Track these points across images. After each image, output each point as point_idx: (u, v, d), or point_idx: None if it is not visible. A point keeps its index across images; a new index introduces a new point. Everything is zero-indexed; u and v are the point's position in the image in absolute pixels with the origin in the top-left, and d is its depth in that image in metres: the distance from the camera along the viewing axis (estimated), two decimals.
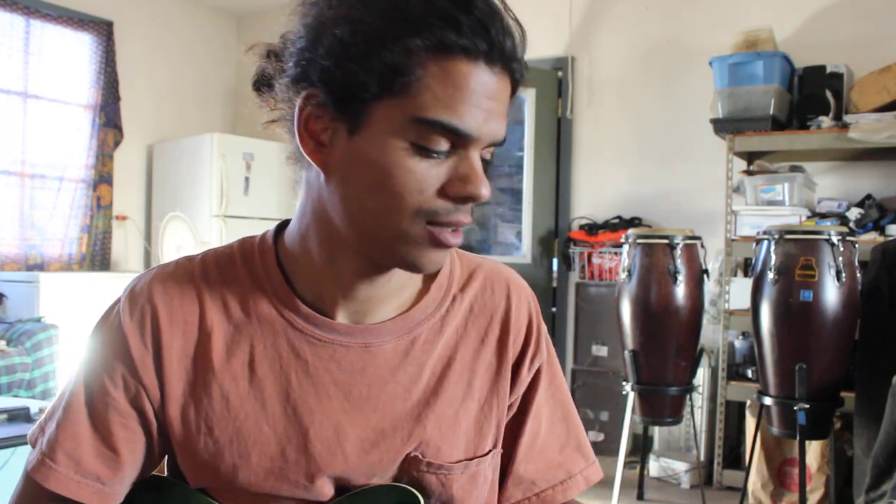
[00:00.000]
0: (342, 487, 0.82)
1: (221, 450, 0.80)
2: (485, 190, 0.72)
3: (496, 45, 0.70)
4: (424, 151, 0.71)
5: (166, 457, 0.88)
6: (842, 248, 2.66)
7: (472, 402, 0.85)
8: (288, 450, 0.80)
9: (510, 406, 0.89)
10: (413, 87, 0.69)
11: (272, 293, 0.82)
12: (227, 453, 0.80)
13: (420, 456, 0.82)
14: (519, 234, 4.71)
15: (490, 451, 0.86)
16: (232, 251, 0.86)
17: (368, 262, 0.78)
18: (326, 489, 0.81)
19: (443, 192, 0.72)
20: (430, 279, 0.86)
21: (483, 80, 0.70)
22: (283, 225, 0.86)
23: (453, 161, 0.72)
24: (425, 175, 0.71)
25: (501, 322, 0.88)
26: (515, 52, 0.72)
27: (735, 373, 3.53)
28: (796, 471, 2.88)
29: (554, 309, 4.65)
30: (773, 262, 2.70)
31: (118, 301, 0.84)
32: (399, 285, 0.82)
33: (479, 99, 0.70)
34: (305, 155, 0.76)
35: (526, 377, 0.89)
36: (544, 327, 0.93)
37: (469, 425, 0.85)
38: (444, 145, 0.71)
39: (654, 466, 3.75)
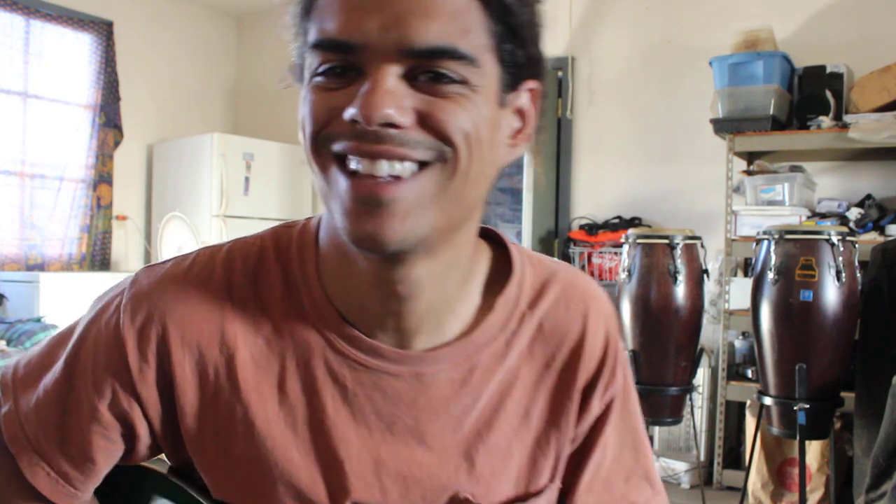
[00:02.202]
0: None
1: (243, 473, 0.70)
2: (375, 108, 0.56)
3: None
4: (323, 78, 0.60)
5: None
6: (842, 248, 2.66)
7: (528, 433, 0.74)
8: (319, 482, 0.69)
9: (574, 438, 0.77)
10: (313, 19, 0.61)
11: (310, 306, 0.69)
12: (249, 477, 0.70)
13: (470, 497, 0.71)
14: (519, 234, 4.71)
15: (544, 488, 0.76)
16: (264, 247, 0.72)
17: (367, 259, 0.66)
18: None
19: (342, 119, 0.59)
20: (494, 293, 0.72)
21: None
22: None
23: (357, 82, 0.59)
24: (326, 101, 0.60)
25: (573, 347, 0.75)
26: None
27: (735, 373, 3.53)
28: (796, 471, 2.88)
29: None
30: (773, 262, 2.70)
31: (120, 293, 0.72)
32: (441, 302, 0.69)
33: (362, 0, 0.58)
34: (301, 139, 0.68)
35: (595, 408, 0.77)
36: (623, 353, 0.79)
37: (523, 459, 0.74)
38: (336, 61, 0.59)
39: (655, 466, 3.74)
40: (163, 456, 0.79)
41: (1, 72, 4.45)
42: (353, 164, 0.59)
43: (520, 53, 0.63)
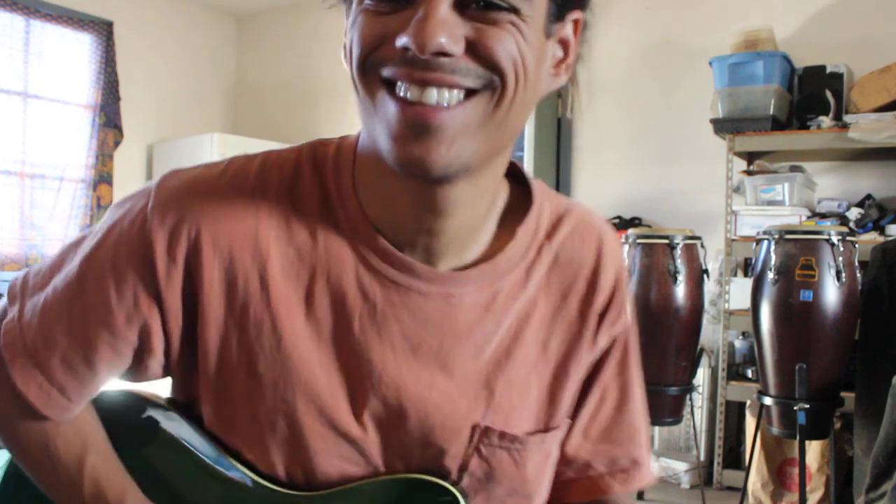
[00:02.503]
0: (393, 455, 0.71)
1: (262, 391, 0.68)
2: (429, 37, 0.56)
3: None
4: (374, 3, 0.60)
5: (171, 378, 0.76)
6: (842, 248, 2.66)
7: (546, 366, 0.74)
8: (341, 401, 0.69)
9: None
10: None
11: (344, 219, 0.69)
12: (270, 395, 0.68)
13: (491, 426, 0.71)
14: None
15: (562, 423, 0.76)
16: (300, 159, 0.72)
17: (408, 182, 0.65)
18: (375, 456, 0.70)
19: (392, 45, 0.59)
20: (514, 222, 0.73)
21: None
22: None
23: (410, 9, 0.58)
24: (377, 28, 0.60)
25: (588, 278, 0.76)
26: None
27: (735, 373, 3.53)
28: (796, 471, 2.88)
29: None
30: (773, 262, 2.70)
31: (145, 196, 0.69)
32: (472, 224, 0.70)
33: None
34: (345, 65, 0.66)
35: (602, 343, 0.77)
36: (629, 297, 0.80)
37: (542, 392, 0.74)
38: None
39: (654, 466, 3.75)
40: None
41: (1, 72, 4.45)
42: (403, 91, 0.59)
43: None
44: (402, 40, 0.58)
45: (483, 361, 0.71)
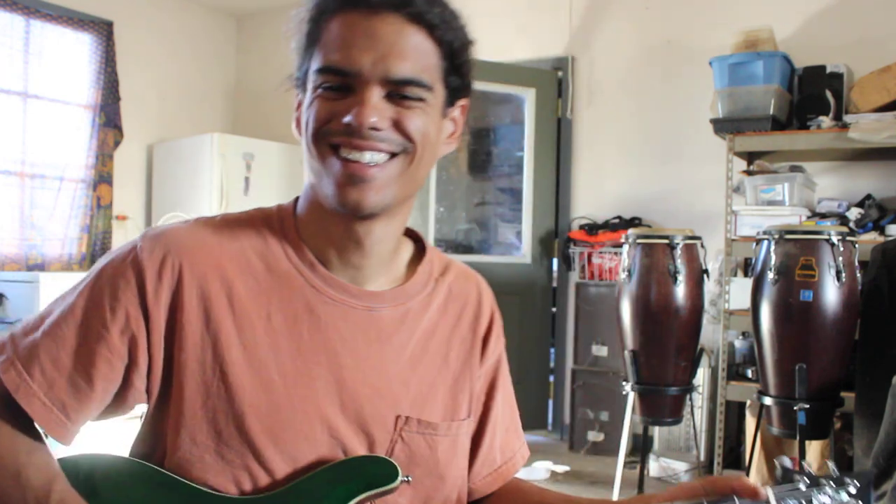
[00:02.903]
0: (336, 446, 0.87)
1: (232, 395, 0.84)
2: (368, 116, 0.81)
3: None
4: (326, 92, 0.83)
5: (140, 425, 0.89)
6: (842, 248, 2.66)
7: (448, 371, 0.96)
8: (295, 399, 0.85)
9: (478, 381, 1.01)
10: (318, 51, 0.84)
11: (291, 253, 0.90)
12: (237, 399, 0.84)
13: (411, 415, 0.91)
14: (519, 234, 4.71)
15: (464, 420, 0.97)
16: (251, 214, 0.94)
17: (343, 219, 0.87)
18: (324, 445, 0.86)
19: (339, 121, 0.82)
20: (414, 263, 0.98)
21: (361, 24, 0.82)
22: (298, 199, 0.96)
23: (352, 97, 0.82)
24: (327, 110, 0.83)
25: (474, 307, 1.01)
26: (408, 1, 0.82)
27: (735, 373, 3.53)
28: None
29: (554, 309, 4.65)
30: (773, 262, 2.70)
31: (133, 242, 0.88)
32: (386, 256, 0.93)
33: (360, 40, 0.82)
34: (296, 136, 0.89)
35: (491, 355, 1.02)
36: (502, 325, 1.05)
37: (446, 392, 0.95)
38: (337, 82, 0.82)
39: (654, 466, 3.75)
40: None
41: (1, 72, 4.45)
42: (346, 153, 0.83)
43: (458, 81, 0.89)
44: (347, 118, 0.81)
45: (401, 364, 0.92)
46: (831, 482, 0.90)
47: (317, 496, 0.84)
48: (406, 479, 0.87)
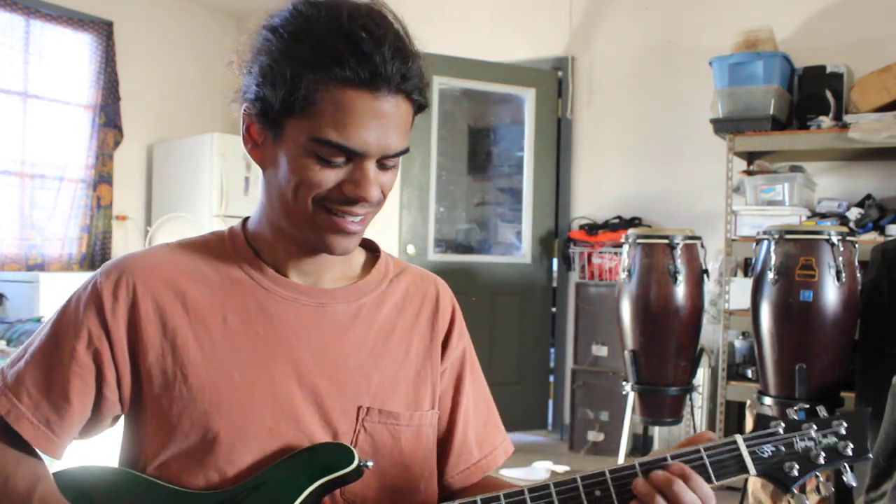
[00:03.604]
0: (302, 437, 0.91)
1: (195, 395, 0.89)
2: (373, 193, 0.89)
3: (381, 73, 0.84)
4: (324, 161, 0.87)
5: (121, 439, 0.95)
6: (842, 248, 2.66)
7: (410, 365, 1.01)
8: (256, 394, 0.91)
9: (443, 375, 1.05)
10: (313, 111, 0.85)
11: (243, 261, 0.97)
12: (200, 399, 0.89)
13: (372, 406, 0.95)
14: (519, 234, 4.71)
15: (429, 410, 1.01)
16: (204, 237, 1.01)
17: (312, 248, 0.94)
18: (290, 437, 0.91)
19: (339, 190, 0.88)
20: (369, 265, 1.05)
21: (369, 105, 0.85)
22: (247, 219, 1.03)
23: (350, 168, 0.88)
24: (325, 178, 0.88)
25: (433, 304, 1.06)
26: (406, 75, 0.86)
27: (735, 373, 3.53)
28: None
29: (554, 309, 4.65)
30: (773, 262, 2.70)
31: (93, 276, 0.95)
32: (338, 261, 0.99)
33: (367, 120, 0.86)
34: (246, 151, 0.93)
35: (454, 350, 1.06)
36: (463, 323, 1.10)
37: (408, 384, 1.00)
38: (339, 158, 0.87)
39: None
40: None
41: (1, 72, 4.45)
42: (342, 216, 0.90)
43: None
44: (355, 192, 0.88)
45: (361, 358, 0.97)
46: (814, 425, 0.92)
47: (278, 483, 0.88)
48: (365, 463, 0.90)
